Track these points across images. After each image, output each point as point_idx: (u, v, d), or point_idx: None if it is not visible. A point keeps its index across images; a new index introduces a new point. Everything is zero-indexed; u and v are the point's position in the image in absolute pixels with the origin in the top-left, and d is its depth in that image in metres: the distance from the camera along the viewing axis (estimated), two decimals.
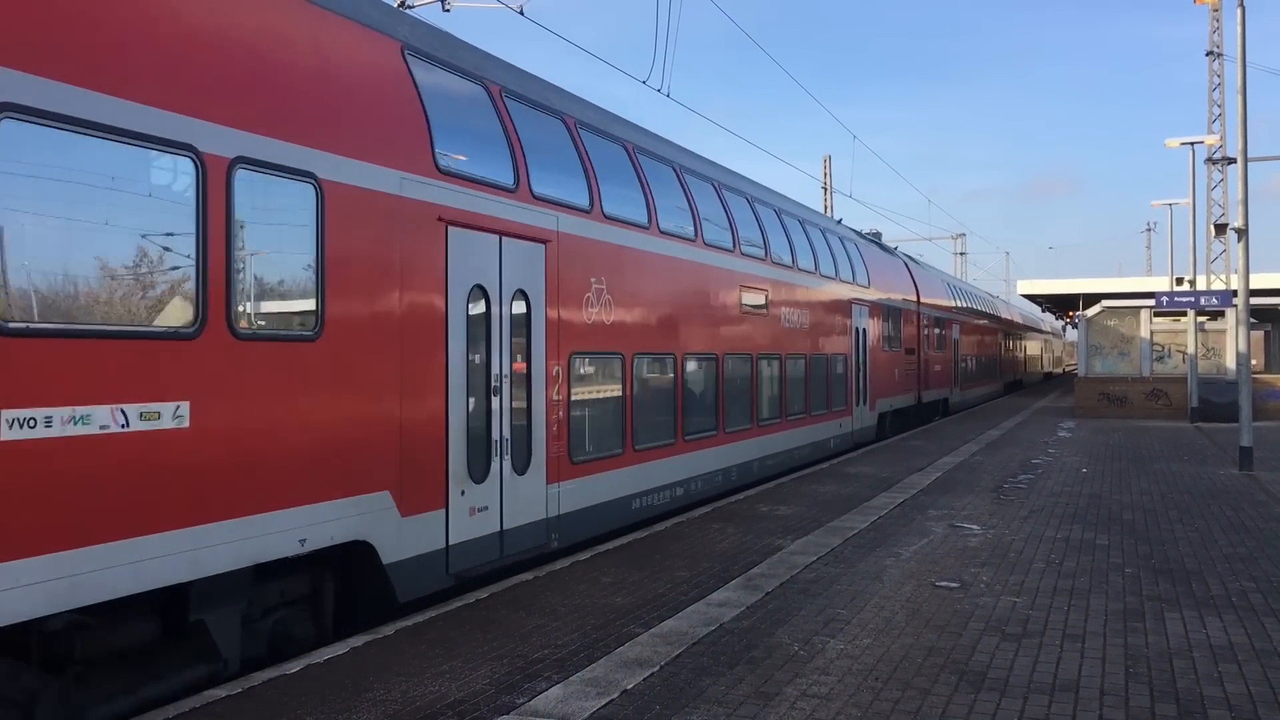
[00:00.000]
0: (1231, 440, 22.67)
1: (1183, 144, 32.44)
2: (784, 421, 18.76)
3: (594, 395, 12.15)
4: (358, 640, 7.89)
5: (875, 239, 32.20)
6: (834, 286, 22.20)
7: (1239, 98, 19.37)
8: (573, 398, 11.38)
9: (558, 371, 11.05)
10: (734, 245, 16.62)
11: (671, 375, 14.09)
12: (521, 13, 15.25)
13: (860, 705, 6.49)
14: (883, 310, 26.31)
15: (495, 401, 9.90)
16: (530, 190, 10.73)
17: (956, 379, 37.44)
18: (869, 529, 12.68)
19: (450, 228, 9.28)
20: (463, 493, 9.37)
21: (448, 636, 8.01)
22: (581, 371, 11.75)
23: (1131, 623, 8.44)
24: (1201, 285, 34.01)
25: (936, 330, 33.55)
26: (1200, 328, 33.45)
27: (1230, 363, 32.74)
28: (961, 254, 79.27)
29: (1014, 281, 77.31)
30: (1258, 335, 38.92)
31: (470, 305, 9.59)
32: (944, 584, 9.77)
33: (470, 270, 9.56)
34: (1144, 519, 13.58)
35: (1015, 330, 60.31)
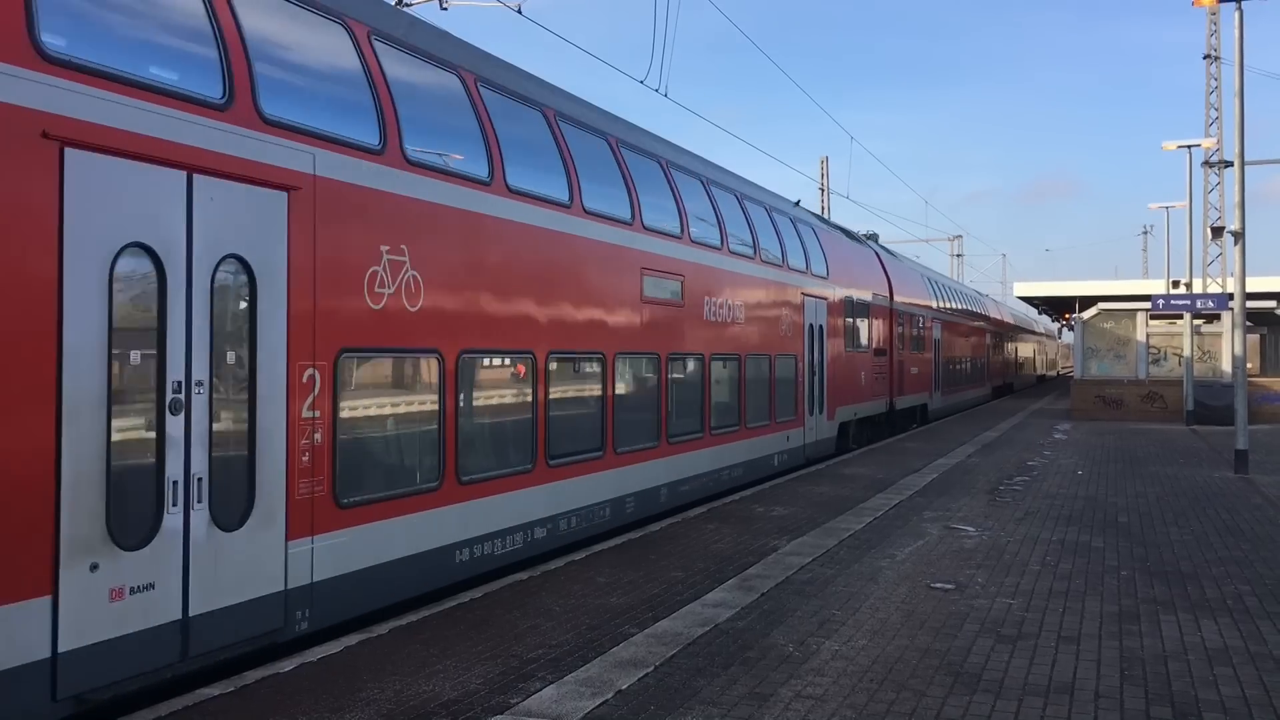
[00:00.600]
0: (1227, 443, 22.71)
1: (1180, 147, 32.50)
2: (708, 436, 15.57)
3: (388, 410, 9.01)
4: (352, 639, 7.86)
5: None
6: (781, 275, 19.07)
7: (1236, 101, 19.39)
8: (344, 414, 8.22)
9: (313, 377, 7.88)
10: (634, 217, 13.41)
11: (530, 382, 10.92)
12: (520, 11, 15.23)
13: (855, 706, 6.47)
14: (846, 306, 23.30)
15: (173, 423, 6.69)
16: (258, 109, 7.50)
17: (937, 383, 34.84)
18: (865, 530, 12.67)
19: (69, 150, 6.17)
20: (94, 566, 6.22)
21: (442, 635, 7.99)
22: (362, 377, 8.67)
23: (1127, 625, 8.43)
24: (1198, 288, 34.05)
25: (914, 330, 30.79)
26: (1196, 331, 33.51)
27: (1226, 366, 32.80)
28: (958, 256, 79.40)
29: (1011, 283, 77.54)
30: (1253, 338, 39.00)
31: (121, 277, 6.49)
32: (939, 585, 9.76)
33: (120, 222, 6.47)
34: (1139, 521, 13.58)
35: (1006, 331, 57.60)
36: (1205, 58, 43.33)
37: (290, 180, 7.72)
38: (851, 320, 23.84)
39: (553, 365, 11.30)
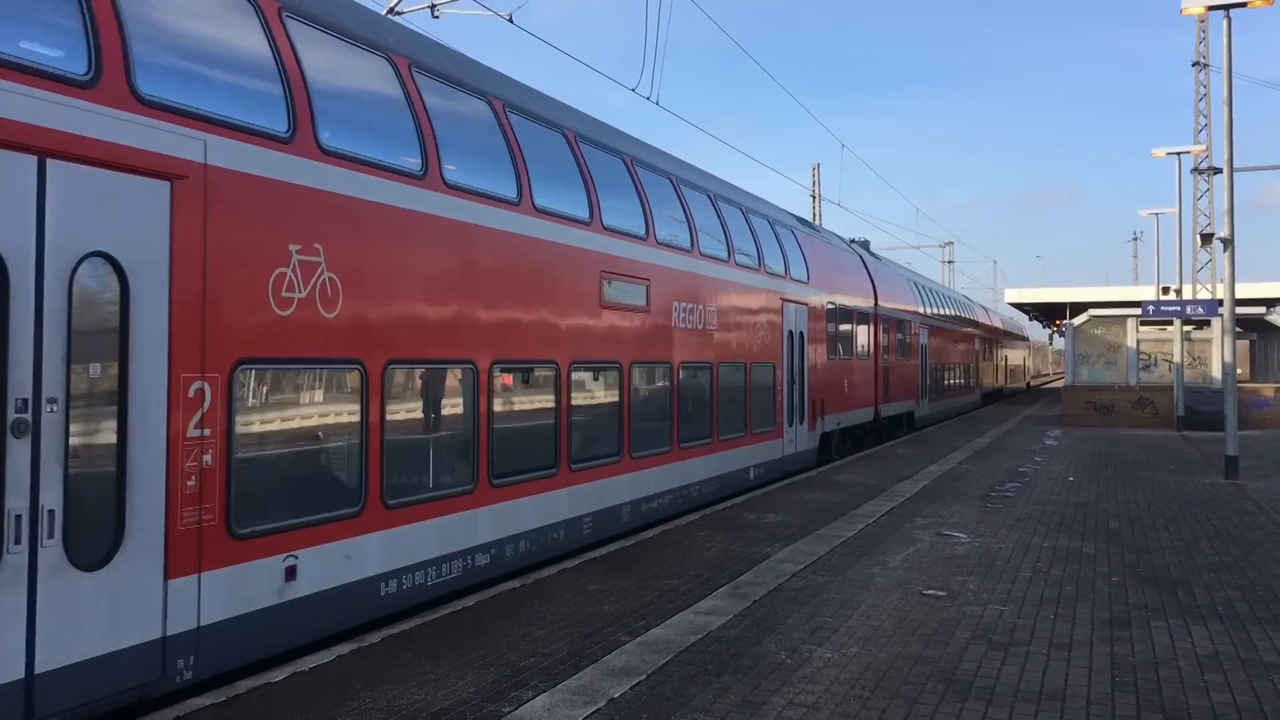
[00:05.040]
0: (1217, 449, 22.78)
1: (1169, 154, 32.67)
2: (675, 450, 14.52)
3: (298, 427, 8.02)
4: (343, 648, 7.84)
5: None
6: (757, 280, 18.15)
7: (1225, 108, 19.49)
8: (242, 432, 7.28)
9: (202, 391, 6.96)
10: (592, 217, 12.44)
11: (470, 394, 9.95)
12: (511, 20, 15.26)
13: (847, 714, 6.48)
14: (829, 312, 22.50)
15: (16, 447, 5.81)
16: (132, 88, 6.62)
17: (925, 390, 33.83)
18: (857, 537, 12.68)
19: None
20: None
21: (434, 645, 7.97)
22: (268, 391, 7.70)
23: (1118, 631, 8.45)
24: (1188, 294, 34.19)
25: (900, 336, 29.89)
26: (1186, 337, 33.66)
27: (1216, 371, 32.93)
28: (950, 262, 79.60)
29: (1002, 290, 77.69)
30: (1243, 344, 39.20)
31: None
32: (931, 592, 9.77)
33: None
34: (1130, 528, 13.61)
35: (996, 337, 56.36)
36: (1194, 65, 43.55)
37: (174, 169, 6.78)
38: (834, 326, 22.93)
39: (497, 376, 10.36)
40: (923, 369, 33.28)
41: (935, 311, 36.36)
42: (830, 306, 22.66)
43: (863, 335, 25.53)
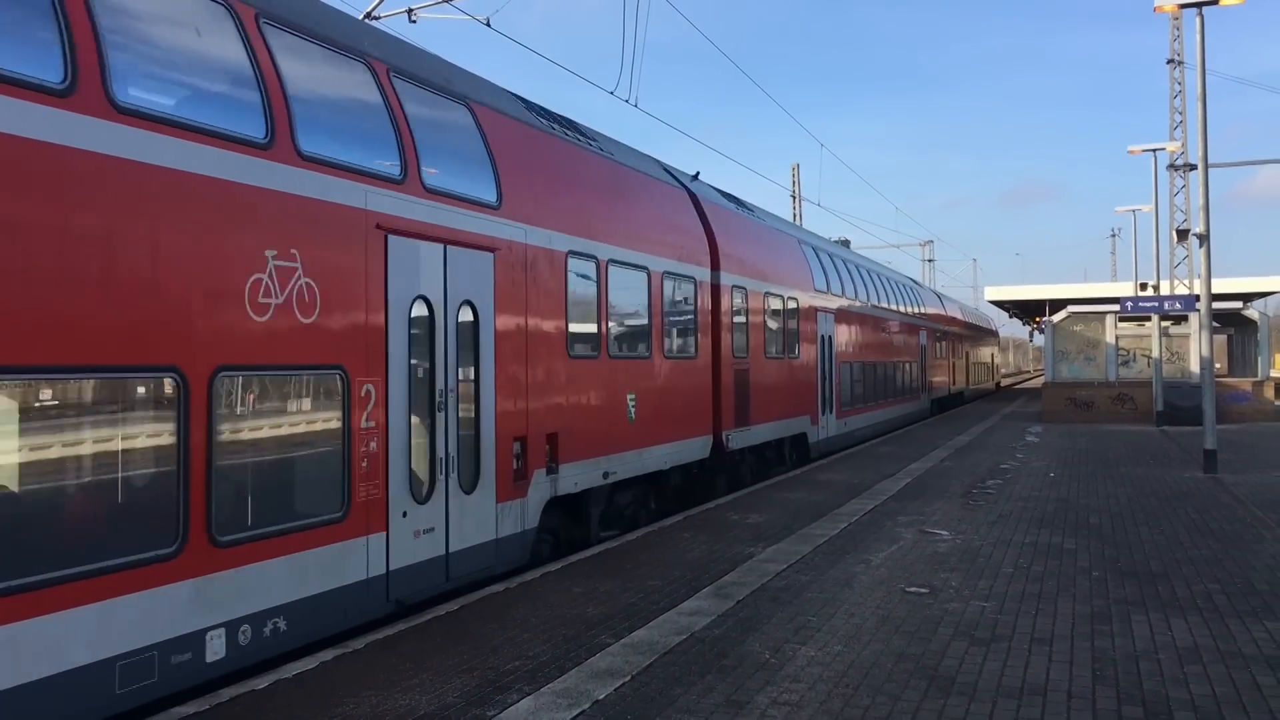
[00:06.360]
0: (1196, 443, 22.96)
1: (1145, 150, 32.90)
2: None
3: None
4: (327, 654, 7.82)
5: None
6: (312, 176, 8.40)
7: (1199, 105, 19.66)
8: None
9: None
10: None
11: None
12: (488, 24, 15.25)
13: (831, 712, 6.51)
14: (553, 264, 11.87)
15: None
16: None
17: (829, 401, 24.18)
18: (839, 536, 12.72)
19: None
20: None
21: (419, 649, 7.96)
22: None
23: (1098, 625, 8.52)
24: (1165, 290, 34.46)
25: (779, 324, 20.60)
26: (1164, 332, 33.91)
27: (1194, 367, 33.20)
28: (930, 261, 79.93)
29: (982, 287, 77.96)
30: (1220, 339, 39.59)
31: None
32: (914, 590, 9.82)
33: None
34: (1111, 523, 13.71)
35: (954, 330, 47.11)
36: (1169, 62, 43.93)
37: None
38: (584, 294, 12.66)
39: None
40: (825, 371, 23.85)
41: (853, 293, 27.47)
42: (560, 256, 11.98)
43: (680, 318, 15.75)
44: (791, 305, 21.55)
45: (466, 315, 10.18)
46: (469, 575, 10.02)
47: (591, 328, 12.84)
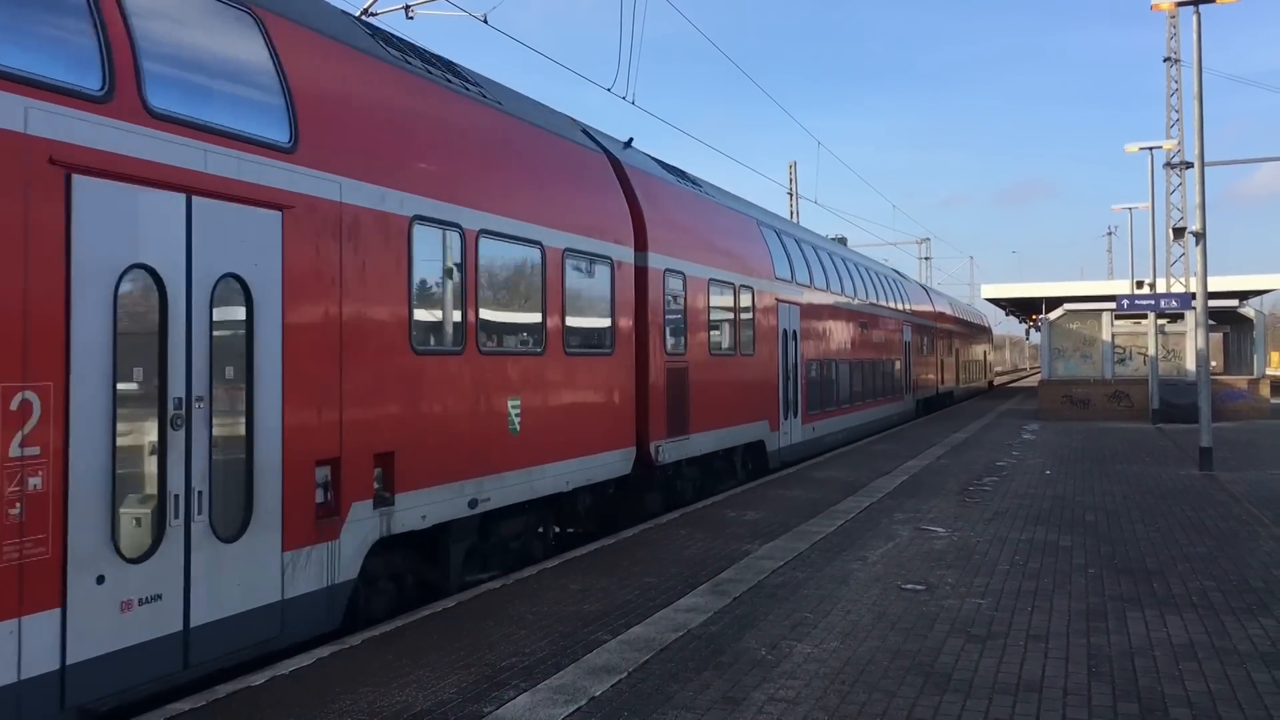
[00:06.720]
0: (1192, 441, 23.01)
1: (1142, 149, 32.95)
2: None
3: None
4: (324, 651, 7.82)
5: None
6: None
7: (1195, 103, 19.68)
8: None
9: None
10: None
11: None
12: (485, 20, 15.23)
13: (827, 708, 6.52)
14: (382, 232, 9.02)
15: None
16: None
17: (792, 404, 21.60)
18: (836, 533, 12.74)
19: None
20: None
21: (415, 646, 7.97)
22: None
23: (1094, 622, 8.54)
24: (1161, 288, 34.51)
25: (724, 315, 17.85)
26: (1160, 330, 33.97)
27: (1190, 364, 33.24)
28: (927, 258, 79.98)
29: (979, 285, 77.99)
30: (1216, 337, 39.69)
31: None
32: (910, 587, 9.84)
33: None
34: (1106, 520, 13.73)
35: (942, 327, 44.26)
36: (1165, 60, 43.92)
37: None
38: (439, 273, 10.07)
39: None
40: (788, 371, 21.31)
41: (824, 283, 24.83)
42: (419, 221, 9.53)
43: (594, 304, 13.27)
44: (746, 295, 18.63)
45: (231, 296, 7.39)
46: (231, 655, 7.29)
47: (453, 315, 10.09)
